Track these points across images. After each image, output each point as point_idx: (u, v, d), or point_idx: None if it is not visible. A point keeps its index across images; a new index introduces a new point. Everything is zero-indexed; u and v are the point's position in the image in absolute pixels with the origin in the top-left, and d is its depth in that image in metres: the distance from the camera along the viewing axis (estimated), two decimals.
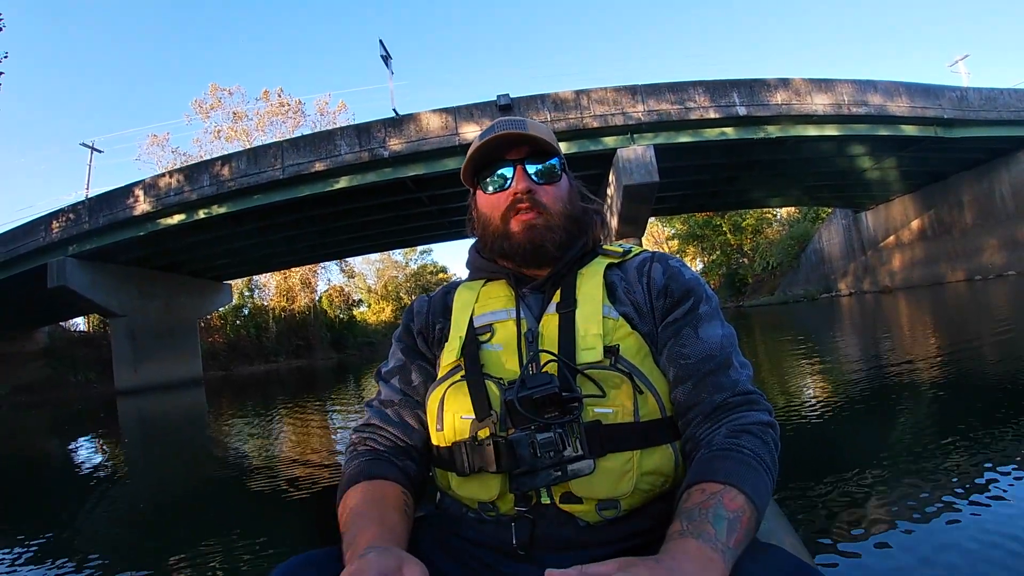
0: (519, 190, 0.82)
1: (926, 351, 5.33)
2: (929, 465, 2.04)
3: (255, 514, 2.62)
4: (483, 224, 0.88)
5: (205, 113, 32.33)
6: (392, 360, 0.89)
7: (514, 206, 0.83)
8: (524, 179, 0.83)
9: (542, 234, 0.82)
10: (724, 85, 13.76)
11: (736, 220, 42.16)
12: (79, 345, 25.57)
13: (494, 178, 0.85)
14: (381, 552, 0.56)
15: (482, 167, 0.87)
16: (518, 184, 0.83)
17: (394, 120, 13.58)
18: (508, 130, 0.83)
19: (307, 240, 19.06)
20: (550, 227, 0.83)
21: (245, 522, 2.48)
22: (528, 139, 0.84)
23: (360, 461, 0.76)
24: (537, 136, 0.83)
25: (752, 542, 0.59)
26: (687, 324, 0.77)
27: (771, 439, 0.68)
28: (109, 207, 15.34)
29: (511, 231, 0.83)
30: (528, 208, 0.82)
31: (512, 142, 0.84)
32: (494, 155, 0.85)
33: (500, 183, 0.85)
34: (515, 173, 0.84)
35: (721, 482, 0.60)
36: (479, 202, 0.89)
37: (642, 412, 0.71)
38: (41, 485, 3.96)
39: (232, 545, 2.14)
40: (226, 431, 6.08)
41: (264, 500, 2.83)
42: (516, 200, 0.83)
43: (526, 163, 0.84)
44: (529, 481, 0.68)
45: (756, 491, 0.61)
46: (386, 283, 47.71)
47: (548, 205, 0.83)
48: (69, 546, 2.33)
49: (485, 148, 0.85)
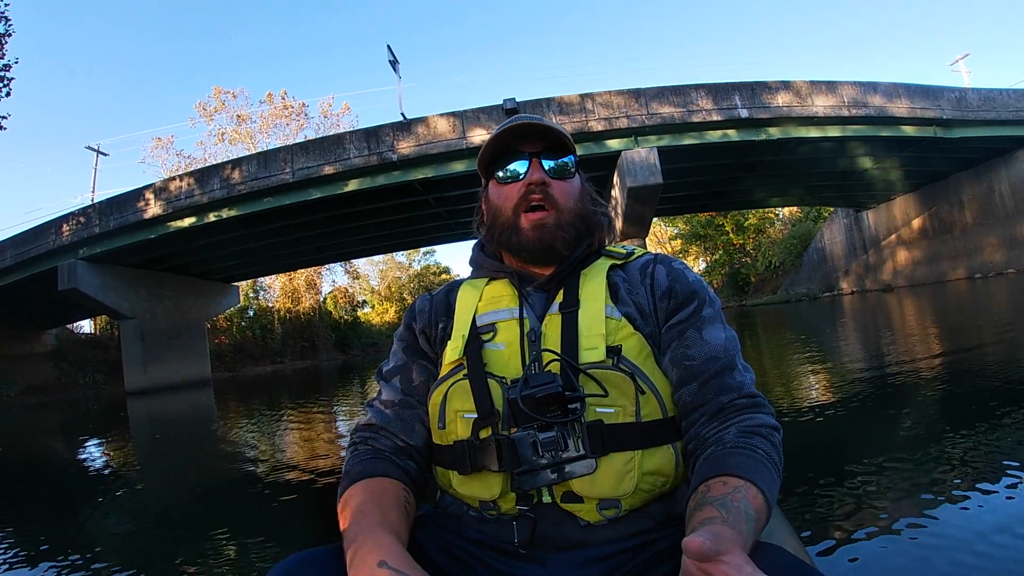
0: (533, 180, 0.83)
1: (927, 350, 5.36)
2: (929, 465, 2.05)
3: (256, 512, 2.65)
4: (493, 215, 0.88)
5: (209, 116, 32.41)
6: (393, 359, 0.89)
7: (527, 197, 0.83)
8: (539, 171, 0.83)
9: (552, 232, 0.82)
10: (726, 88, 13.94)
11: (739, 220, 42.31)
12: (87, 347, 25.80)
13: (509, 169, 0.85)
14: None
15: (498, 157, 0.87)
16: (533, 175, 0.83)
17: (402, 124, 13.77)
18: (528, 120, 0.85)
19: (315, 242, 19.24)
20: (560, 225, 0.83)
21: (246, 520, 2.54)
22: (545, 132, 0.84)
23: (361, 460, 0.76)
24: (555, 130, 0.84)
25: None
26: (691, 326, 0.78)
27: (778, 442, 0.69)
28: (120, 210, 15.51)
29: (521, 226, 0.83)
30: (540, 201, 0.83)
31: (529, 135, 0.85)
32: (511, 147, 0.86)
33: (515, 174, 0.85)
34: (530, 165, 0.84)
35: (743, 477, 0.61)
36: (491, 193, 0.89)
37: (644, 412, 0.72)
38: (58, 483, 4.02)
39: (232, 543, 2.18)
40: (234, 431, 6.18)
41: (266, 498, 2.88)
42: (529, 191, 0.83)
43: (542, 157, 0.84)
44: (531, 480, 0.69)
45: (771, 493, 0.62)
46: (389, 284, 47.92)
47: (560, 201, 0.84)
48: (85, 543, 2.38)
49: (503, 137, 0.85)
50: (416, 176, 13.86)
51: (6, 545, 2.42)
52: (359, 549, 0.58)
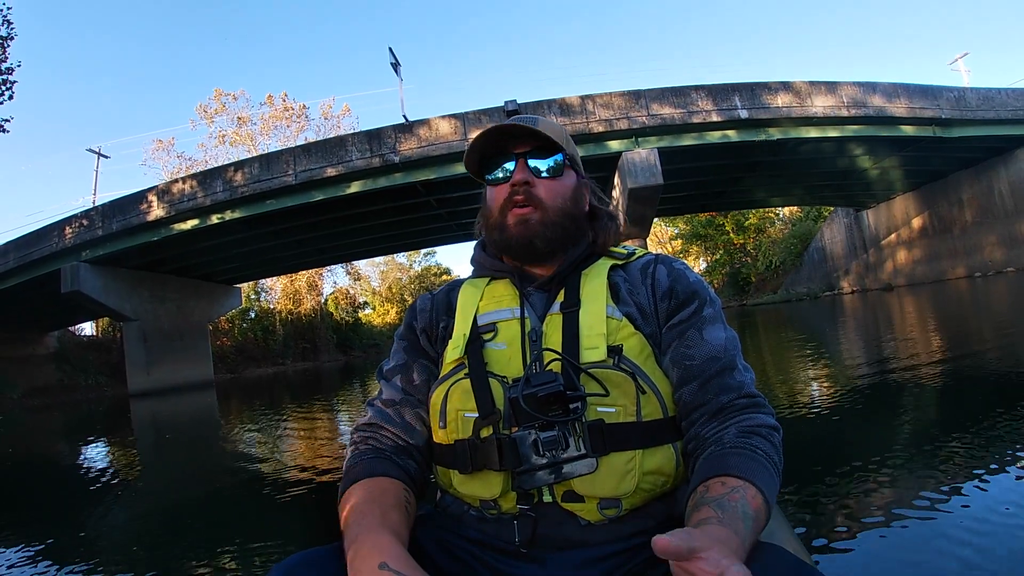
0: (516, 181, 0.83)
1: (927, 349, 5.39)
2: (930, 463, 2.05)
3: (258, 512, 2.66)
4: (486, 215, 0.89)
5: (209, 118, 32.46)
6: (394, 358, 0.89)
7: (511, 198, 0.84)
8: (523, 171, 0.84)
9: (534, 229, 0.82)
10: (726, 89, 14.02)
11: (739, 219, 42.37)
12: (88, 349, 25.89)
13: (497, 171, 0.86)
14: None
15: (488, 159, 0.88)
16: (516, 175, 0.83)
17: (404, 126, 13.86)
18: (513, 122, 0.85)
19: (317, 243, 19.34)
20: (543, 223, 0.83)
21: (248, 520, 2.55)
22: (530, 133, 0.84)
23: (361, 460, 0.76)
24: (539, 131, 0.83)
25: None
26: (692, 326, 0.78)
27: (777, 442, 0.69)
28: (122, 212, 15.59)
29: (506, 224, 0.84)
30: (524, 202, 0.83)
31: (518, 136, 0.85)
32: (501, 148, 0.86)
33: (503, 175, 0.86)
34: (516, 165, 0.84)
35: (741, 478, 0.61)
36: (486, 194, 0.90)
37: (644, 412, 0.72)
38: (66, 484, 4.05)
39: (234, 543, 2.19)
40: (237, 431, 6.23)
41: (267, 498, 2.88)
42: (513, 192, 0.83)
43: (529, 157, 0.84)
44: (531, 479, 0.69)
45: (770, 493, 0.62)
46: (390, 285, 48.02)
47: (546, 200, 0.83)
48: (88, 542, 2.41)
49: (490, 139, 0.85)
50: (418, 178, 13.95)
51: (18, 544, 2.45)
52: (359, 550, 0.58)
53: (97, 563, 2.09)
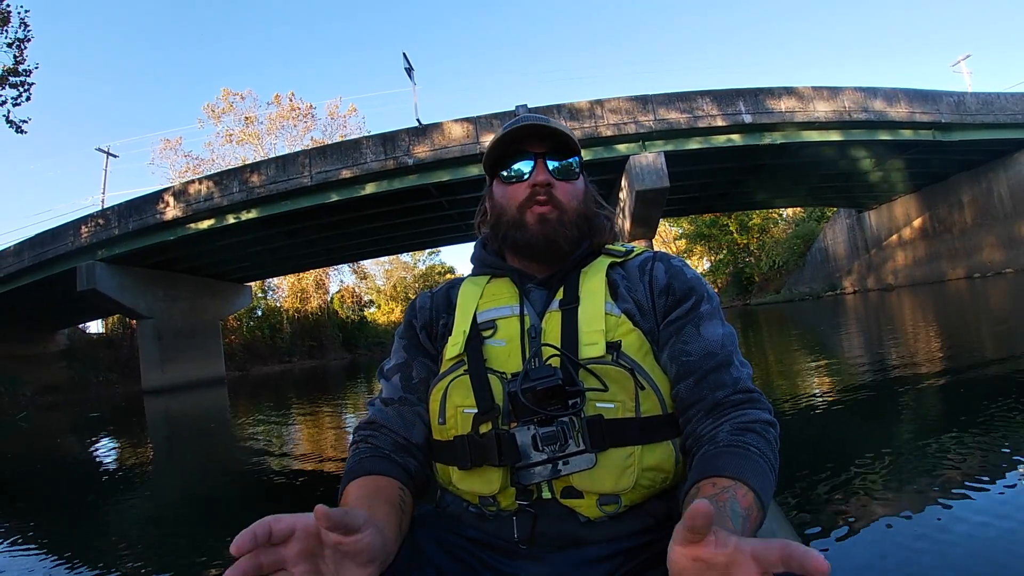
0: (538, 181, 0.83)
1: (927, 348, 5.45)
2: (930, 462, 2.04)
3: (259, 513, 2.79)
4: (498, 213, 0.88)
5: (217, 117, 32.60)
6: (394, 357, 0.89)
7: (532, 198, 0.83)
8: (544, 172, 0.83)
9: (555, 229, 0.83)
10: (730, 94, 14.32)
11: (743, 220, 42.55)
12: (99, 347, 26.05)
13: (514, 169, 0.86)
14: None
15: (503, 157, 0.87)
16: (538, 176, 0.83)
17: (418, 129, 14.17)
18: (534, 121, 0.85)
19: (327, 243, 19.61)
20: (563, 223, 0.83)
21: (249, 520, 2.72)
22: (551, 133, 0.85)
23: (360, 459, 0.76)
24: (560, 131, 0.84)
25: None
26: (689, 322, 0.78)
27: (773, 438, 0.69)
28: (139, 212, 15.87)
29: (526, 222, 0.84)
30: (545, 202, 0.83)
31: (535, 135, 0.85)
32: (516, 147, 0.86)
33: (519, 174, 0.85)
34: (535, 165, 0.84)
35: (732, 477, 0.60)
36: (495, 192, 0.89)
37: (643, 407, 0.72)
38: (80, 481, 4.04)
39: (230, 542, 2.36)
40: (250, 428, 6.27)
41: (269, 498, 2.91)
42: (534, 192, 0.83)
43: (547, 158, 0.84)
44: (530, 474, 0.69)
45: (764, 490, 0.61)
46: (395, 284, 48.33)
47: (564, 202, 0.84)
48: (91, 541, 2.41)
49: (509, 137, 0.85)
50: (432, 180, 14.25)
51: (39, 541, 2.48)
52: None
53: (97, 562, 2.10)
